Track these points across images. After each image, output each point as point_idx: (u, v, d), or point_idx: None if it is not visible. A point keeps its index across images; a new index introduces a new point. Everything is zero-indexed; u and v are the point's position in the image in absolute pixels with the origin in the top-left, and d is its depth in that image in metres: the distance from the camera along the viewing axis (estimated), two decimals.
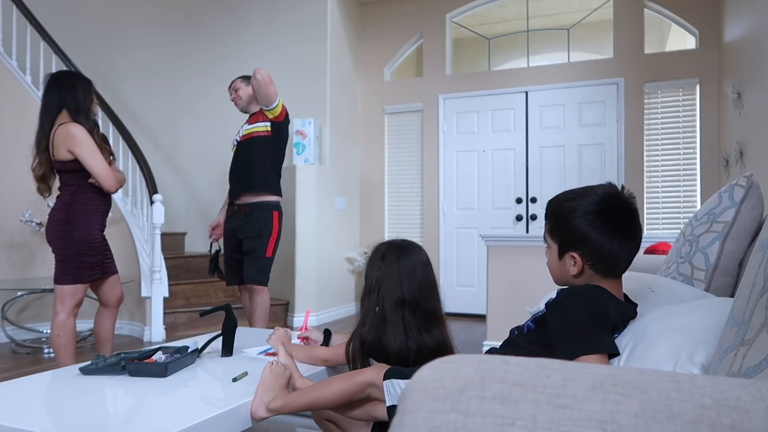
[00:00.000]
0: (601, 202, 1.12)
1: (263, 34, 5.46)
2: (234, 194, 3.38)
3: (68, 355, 2.61)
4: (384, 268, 1.57)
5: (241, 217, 3.31)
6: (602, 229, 1.10)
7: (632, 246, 1.14)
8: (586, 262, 1.12)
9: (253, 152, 3.31)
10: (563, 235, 1.16)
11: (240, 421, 1.35)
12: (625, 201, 1.13)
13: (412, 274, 1.55)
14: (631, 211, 1.13)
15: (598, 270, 1.12)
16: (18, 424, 1.19)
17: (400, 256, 1.58)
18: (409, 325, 1.51)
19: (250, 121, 3.42)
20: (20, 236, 4.38)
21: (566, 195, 1.18)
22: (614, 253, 1.11)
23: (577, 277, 1.15)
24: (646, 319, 1.09)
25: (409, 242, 1.64)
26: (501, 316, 3.53)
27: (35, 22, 4.41)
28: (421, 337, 1.51)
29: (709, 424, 0.33)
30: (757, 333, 0.58)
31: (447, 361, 0.41)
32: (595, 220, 1.10)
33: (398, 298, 1.53)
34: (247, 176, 3.30)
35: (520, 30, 5.59)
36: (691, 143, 4.86)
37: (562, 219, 1.15)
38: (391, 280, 1.55)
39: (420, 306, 1.54)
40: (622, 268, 1.14)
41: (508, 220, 5.37)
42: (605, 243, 1.10)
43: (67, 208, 2.60)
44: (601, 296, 1.10)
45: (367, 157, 5.94)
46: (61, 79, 2.67)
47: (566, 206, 1.15)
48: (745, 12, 3.92)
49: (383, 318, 1.53)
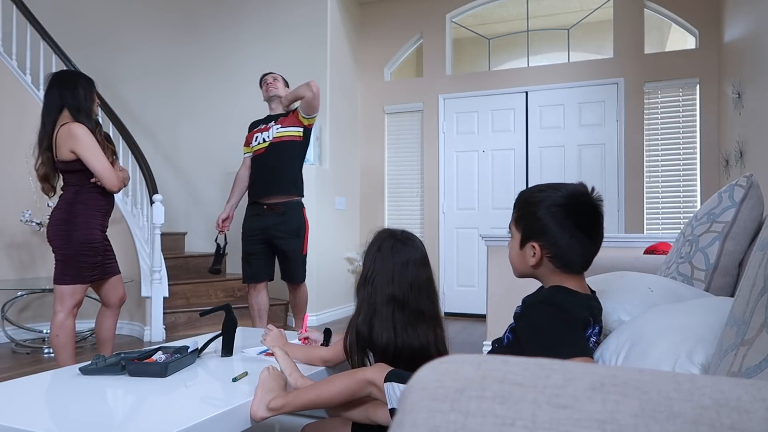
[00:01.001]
0: (568, 197, 1.13)
1: (263, 34, 5.46)
2: (261, 193, 3.44)
3: (67, 355, 2.61)
4: (378, 261, 1.58)
5: (275, 217, 3.40)
6: (565, 224, 1.12)
7: (591, 245, 1.15)
8: (546, 254, 1.15)
9: (287, 155, 3.44)
10: (527, 225, 1.18)
11: (240, 421, 1.35)
12: (592, 201, 1.14)
13: (403, 271, 1.55)
14: (596, 212, 1.14)
15: (556, 263, 1.14)
16: (18, 424, 1.19)
17: (395, 251, 1.58)
18: (397, 322, 1.52)
19: (282, 123, 3.47)
20: (20, 236, 4.38)
21: (537, 187, 1.20)
22: (573, 248, 1.12)
23: (535, 268, 1.17)
24: (645, 319, 1.08)
25: (407, 235, 1.63)
26: (501, 316, 3.53)
27: (35, 22, 4.41)
28: (406, 335, 1.52)
29: (709, 424, 0.33)
30: (757, 333, 0.58)
31: (447, 361, 0.41)
32: (559, 213, 1.12)
33: (389, 294, 1.53)
34: (281, 178, 3.42)
35: (520, 30, 5.59)
36: (691, 143, 4.86)
37: (528, 208, 1.18)
38: (384, 275, 1.55)
39: (408, 304, 1.54)
40: (580, 265, 1.15)
41: (508, 220, 5.34)
42: (565, 237, 1.12)
43: (69, 208, 2.60)
44: (561, 297, 1.11)
45: (367, 157, 5.94)
46: (62, 78, 2.67)
47: (535, 196, 1.17)
48: (745, 12, 3.92)
49: (374, 311, 1.54)
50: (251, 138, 3.59)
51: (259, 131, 3.54)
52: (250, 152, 3.60)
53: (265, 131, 3.51)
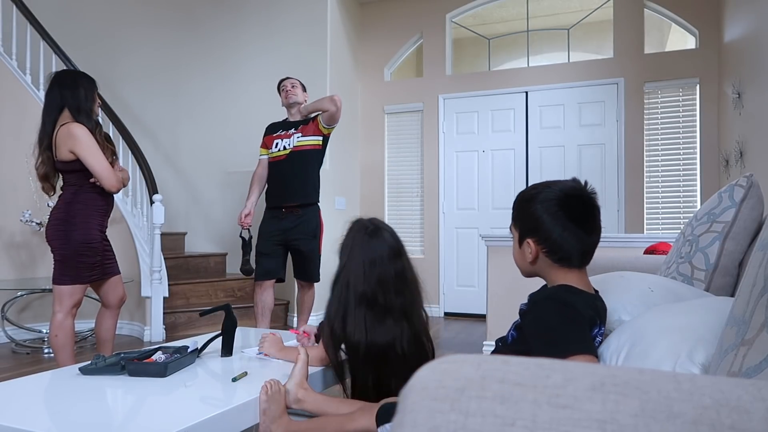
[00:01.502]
0: (561, 191, 1.14)
1: (263, 34, 5.46)
2: (281, 200, 3.56)
3: (66, 355, 2.61)
4: (351, 258, 1.60)
5: (294, 219, 3.52)
6: (557, 216, 1.12)
7: (586, 238, 1.14)
8: (541, 249, 1.15)
9: (308, 164, 3.56)
10: (522, 222, 1.20)
11: (239, 421, 1.35)
12: (585, 194, 1.15)
13: (372, 268, 1.57)
14: (590, 204, 1.15)
15: (552, 258, 1.15)
16: (18, 424, 1.19)
17: (365, 247, 1.59)
18: (368, 322, 1.55)
19: (303, 132, 3.58)
20: (20, 236, 4.38)
21: (533, 186, 1.21)
22: (567, 241, 1.12)
23: (533, 264, 1.17)
24: (646, 318, 1.08)
25: (377, 227, 1.64)
26: (501, 316, 3.53)
27: (35, 22, 4.41)
28: (375, 333, 1.54)
29: (709, 424, 0.33)
30: (757, 333, 0.58)
31: (447, 361, 0.41)
32: (551, 206, 1.13)
33: (360, 293, 1.56)
34: (302, 185, 3.54)
35: (520, 30, 5.59)
36: (691, 143, 4.86)
37: (523, 205, 1.19)
38: (356, 274, 1.58)
39: (377, 301, 1.56)
40: (577, 259, 1.15)
41: (508, 220, 5.32)
42: (557, 230, 1.12)
43: (68, 208, 2.60)
44: (566, 295, 1.11)
45: (367, 157, 5.94)
46: (63, 78, 2.66)
47: (529, 193, 1.18)
48: (745, 12, 3.92)
49: (346, 310, 1.57)
50: (270, 142, 3.66)
51: (279, 137, 3.62)
52: (266, 154, 3.68)
53: (285, 138, 3.60)
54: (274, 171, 3.61)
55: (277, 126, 3.71)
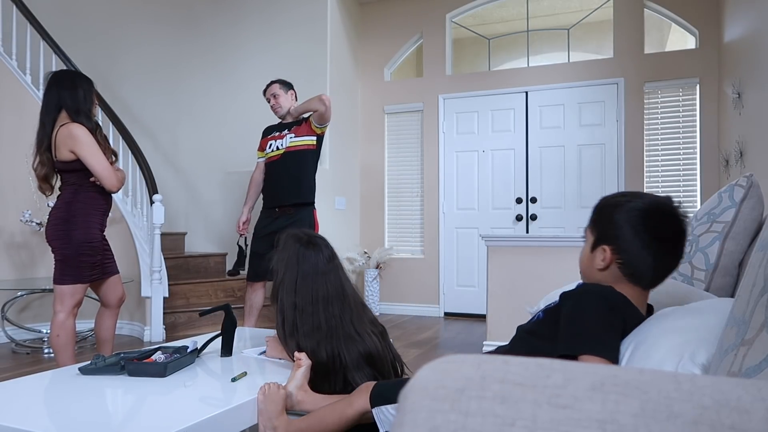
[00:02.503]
0: (651, 204, 1.09)
1: (263, 33, 5.45)
2: (276, 201, 3.58)
3: (68, 355, 2.61)
4: (285, 269, 1.66)
5: (287, 219, 3.52)
6: (640, 230, 1.07)
7: (666, 261, 1.09)
8: (615, 259, 1.10)
9: (302, 164, 3.57)
10: (602, 227, 1.14)
11: (239, 421, 1.35)
12: (676, 213, 1.09)
13: (303, 284, 1.63)
14: (680, 227, 1.09)
15: (624, 271, 1.09)
16: (18, 424, 1.19)
17: (299, 260, 1.65)
18: (299, 329, 1.61)
19: (296, 133, 3.60)
20: (20, 236, 4.38)
21: (621, 192, 1.16)
22: (644, 259, 1.07)
23: (602, 271, 1.12)
24: (648, 320, 1.08)
25: (311, 242, 1.69)
26: (501, 316, 3.53)
27: (35, 22, 4.41)
28: (308, 341, 1.60)
29: (710, 424, 0.33)
30: (757, 333, 0.58)
31: (447, 361, 0.40)
32: (636, 218, 1.08)
33: (292, 303, 1.62)
34: (296, 185, 3.55)
35: (520, 30, 5.59)
36: (691, 143, 4.86)
37: (606, 210, 1.13)
38: (288, 287, 1.64)
39: (311, 316, 1.61)
40: (649, 279, 1.10)
41: (508, 220, 5.37)
42: (638, 245, 1.07)
43: (68, 207, 2.59)
44: (618, 300, 1.07)
45: (367, 157, 5.94)
46: (61, 78, 2.66)
47: (616, 200, 1.13)
48: (745, 12, 3.92)
49: (284, 318, 1.64)
50: (265, 144, 3.70)
51: (273, 138, 3.66)
52: (263, 157, 3.72)
53: (279, 139, 3.62)
54: (268, 172, 3.65)
55: (273, 128, 3.76)
